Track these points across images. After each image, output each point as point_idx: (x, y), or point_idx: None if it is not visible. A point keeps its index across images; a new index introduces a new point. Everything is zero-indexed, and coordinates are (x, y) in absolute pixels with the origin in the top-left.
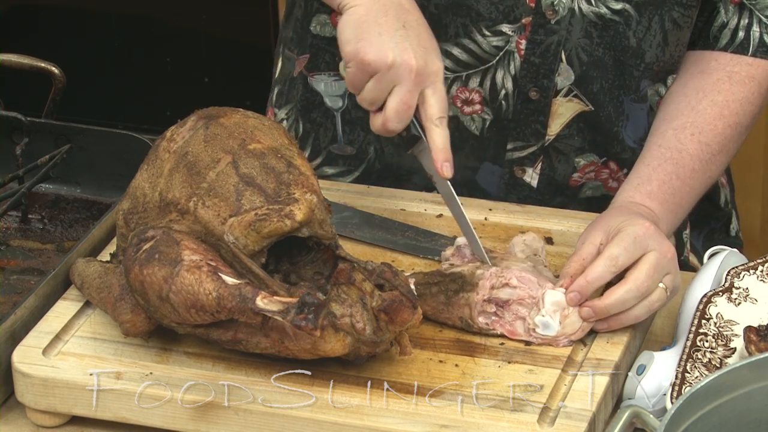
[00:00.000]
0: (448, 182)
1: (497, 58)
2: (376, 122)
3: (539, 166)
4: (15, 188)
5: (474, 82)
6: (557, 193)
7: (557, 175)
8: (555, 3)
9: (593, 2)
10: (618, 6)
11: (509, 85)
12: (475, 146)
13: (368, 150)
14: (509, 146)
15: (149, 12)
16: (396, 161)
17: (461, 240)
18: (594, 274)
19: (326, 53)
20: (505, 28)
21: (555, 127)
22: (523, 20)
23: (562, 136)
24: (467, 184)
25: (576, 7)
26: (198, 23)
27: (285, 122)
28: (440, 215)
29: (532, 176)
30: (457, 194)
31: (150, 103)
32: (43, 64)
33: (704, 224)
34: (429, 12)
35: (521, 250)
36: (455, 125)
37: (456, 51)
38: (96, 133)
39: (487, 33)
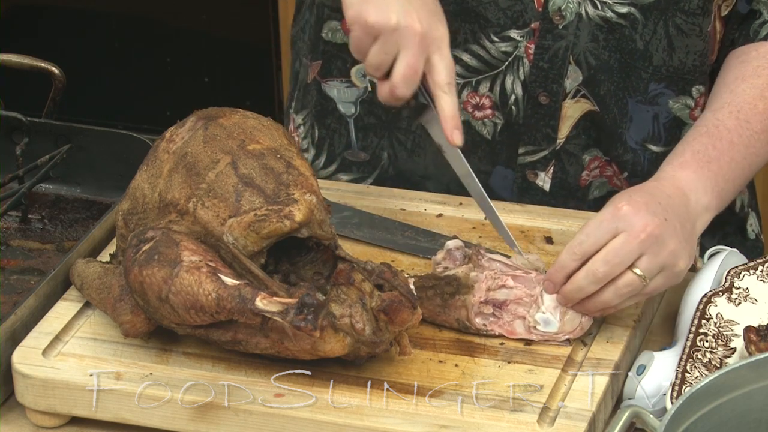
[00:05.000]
0: (459, 152)
1: (506, 63)
2: (384, 90)
3: (551, 170)
4: (15, 188)
5: (484, 88)
6: (570, 197)
7: (569, 177)
8: (562, 8)
9: (599, 6)
10: (623, 10)
11: (519, 90)
12: (487, 150)
13: (381, 156)
14: (521, 150)
15: (149, 12)
16: (409, 167)
17: (451, 243)
18: (560, 262)
19: (338, 59)
20: (514, 33)
21: (565, 129)
22: (532, 25)
23: (571, 137)
24: None
25: (583, 12)
26: (198, 23)
27: (302, 127)
28: (440, 215)
29: (544, 180)
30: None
31: (150, 103)
32: (43, 64)
33: (717, 228)
34: None
35: (523, 263)
36: (467, 130)
37: (465, 57)
38: (96, 133)
39: (496, 39)
